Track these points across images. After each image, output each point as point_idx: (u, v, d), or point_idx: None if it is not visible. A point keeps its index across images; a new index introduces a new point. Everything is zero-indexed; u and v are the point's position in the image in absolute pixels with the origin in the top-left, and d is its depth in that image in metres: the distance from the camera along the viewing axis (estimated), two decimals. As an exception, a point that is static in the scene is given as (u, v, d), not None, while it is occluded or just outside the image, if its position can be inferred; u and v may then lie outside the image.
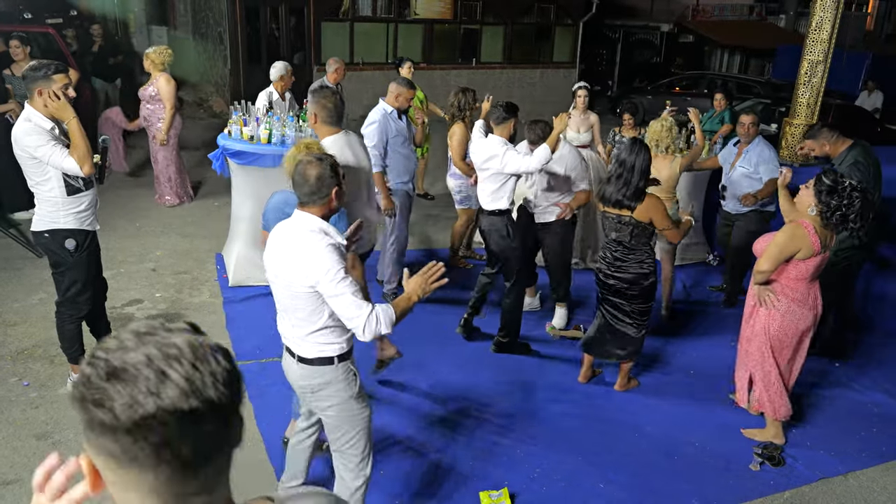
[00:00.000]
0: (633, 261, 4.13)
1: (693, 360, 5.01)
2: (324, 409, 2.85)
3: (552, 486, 3.61)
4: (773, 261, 3.70)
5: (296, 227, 2.66)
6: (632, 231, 4.07)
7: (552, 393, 4.49)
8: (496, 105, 4.68)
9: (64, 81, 3.58)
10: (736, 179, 5.53)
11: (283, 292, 2.69)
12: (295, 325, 2.72)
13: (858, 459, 3.97)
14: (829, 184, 3.61)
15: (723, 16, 21.67)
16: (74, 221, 3.78)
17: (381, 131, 5.05)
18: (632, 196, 4.01)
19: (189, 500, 0.97)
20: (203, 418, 0.92)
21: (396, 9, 14.23)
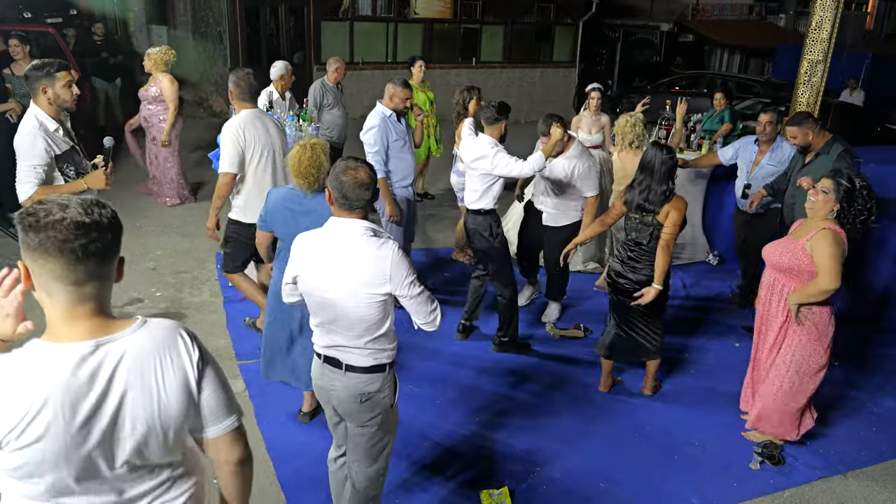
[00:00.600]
0: (647, 262, 4.10)
1: (693, 360, 5.01)
2: (366, 421, 2.74)
3: (552, 485, 3.61)
4: (838, 275, 3.49)
5: (344, 233, 2.56)
6: (652, 232, 4.04)
7: (552, 392, 4.49)
8: (488, 104, 4.61)
9: (67, 79, 3.59)
10: (762, 178, 5.41)
11: (340, 303, 2.55)
12: (351, 335, 2.61)
13: (858, 459, 3.98)
14: (847, 185, 3.54)
15: (722, 15, 21.68)
16: None
17: (381, 136, 4.95)
18: (655, 200, 3.99)
19: (82, 286, 1.54)
20: (91, 228, 1.49)
21: (396, 8, 14.23)
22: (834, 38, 6.66)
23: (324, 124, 6.83)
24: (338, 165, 2.58)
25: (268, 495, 3.43)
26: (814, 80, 6.76)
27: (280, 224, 3.51)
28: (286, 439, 3.83)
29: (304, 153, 3.38)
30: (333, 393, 2.73)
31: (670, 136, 6.71)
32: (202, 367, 1.70)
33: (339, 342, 2.65)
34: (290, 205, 3.46)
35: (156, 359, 1.62)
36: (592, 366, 4.83)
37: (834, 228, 3.55)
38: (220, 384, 1.74)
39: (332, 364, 2.69)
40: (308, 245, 2.63)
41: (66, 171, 3.69)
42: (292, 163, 3.39)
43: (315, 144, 3.43)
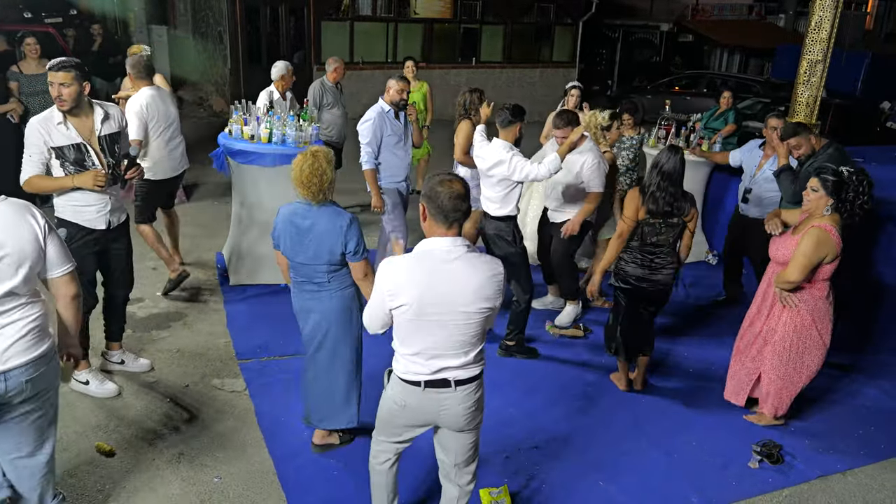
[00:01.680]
0: (669, 262, 4.22)
1: (692, 359, 5.02)
2: (475, 426, 2.79)
3: (552, 483, 3.62)
4: (803, 271, 3.66)
5: (449, 251, 2.53)
6: (679, 233, 4.19)
7: (551, 391, 4.50)
8: (502, 108, 4.57)
9: (63, 80, 3.57)
10: (762, 183, 5.41)
11: (453, 326, 2.53)
12: (461, 351, 2.60)
13: (857, 457, 3.99)
14: (833, 179, 3.64)
15: (722, 15, 21.69)
16: (71, 213, 3.81)
17: (374, 129, 5.11)
18: (681, 206, 4.09)
19: None
20: None
21: (396, 8, 14.25)
22: (833, 37, 6.66)
23: (323, 124, 6.84)
24: (432, 179, 2.55)
25: (268, 494, 3.44)
26: (813, 79, 6.77)
27: (287, 241, 3.38)
28: (286, 439, 3.84)
29: (305, 161, 3.23)
30: (441, 413, 2.70)
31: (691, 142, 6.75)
32: (48, 230, 2.60)
33: (446, 364, 2.61)
34: (296, 219, 3.33)
35: (19, 219, 2.52)
36: (592, 365, 4.85)
37: (823, 226, 3.65)
38: (59, 242, 2.67)
39: (440, 385, 2.64)
40: (404, 274, 2.53)
41: (64, 166, 3.69)
42: (294, 172, 3.25)
43: (318, 152, 3.28)
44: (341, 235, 3.27)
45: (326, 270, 3.34)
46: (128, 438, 3.78)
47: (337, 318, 3.45)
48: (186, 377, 4.40)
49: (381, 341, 3.25)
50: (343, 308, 3.45)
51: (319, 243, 3.29)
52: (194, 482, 3.48)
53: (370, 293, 3.25)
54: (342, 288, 3.43)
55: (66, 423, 3.86)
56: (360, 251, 3.33)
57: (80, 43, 10.73)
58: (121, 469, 3.54)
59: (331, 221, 3.28)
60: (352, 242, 3.29)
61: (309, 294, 3.44)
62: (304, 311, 3.51)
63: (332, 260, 3.31)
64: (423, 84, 8.12)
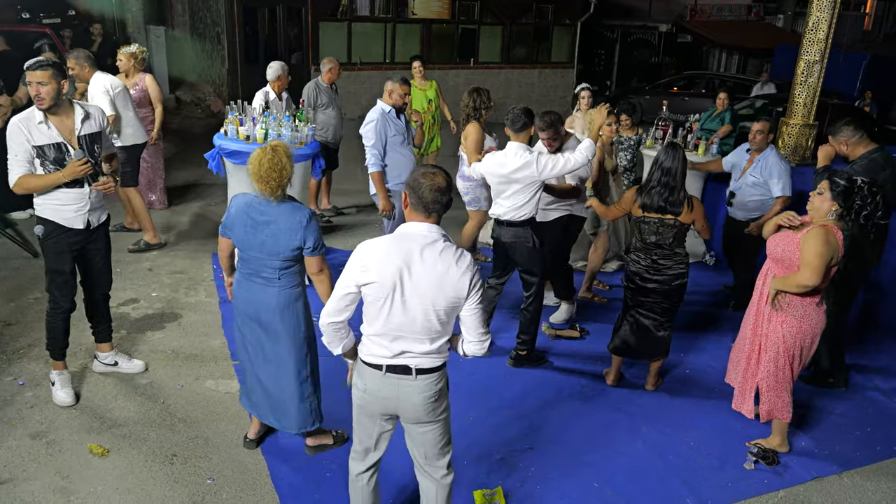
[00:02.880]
0: (675, 262, 4.23)
1: (689, 360, 5.01)
2: (437, 418, 2.78)
3: (546, 485, 3.61)
4: (819, 272, 3.50)
5: (425, 237, 2.57)
6: (675, 234, 4.17)
7: (546, 393, 4.49)
8: (511, 110, 4.43)
9: (40, 78, 3.56)
10: (745, 188, 5.42)
11: (419, 308, 2.56)
12: (426, 338, 2.62)
13: (853, 459, 3.98)
14: (844, 184, 3.55)
15: (721, 16, 21.70)
16: (51, 211, 3.78)
17: (379, 130, 5.06)
18: (676, 201, 4.09)
19: None
20: None
21: (394, 9, 14.24)
22: (830, 38, 6.66)
23: (318, 125, 6.83)
24: (416, 170, 2.61)
25: (261, 496, 3.42)
26: (811, 80, 6.76)
27: (239, 232, 3.32)
28: (280, 440, 3.82)
29: (264, 155, 3.16)
30: (401, 401, 2.70)
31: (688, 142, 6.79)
32: None
33: (408, 348, 2.63)
34: (252, 213, 3.28)
35: None
36: (587, 366, 4.84)
37: (828, 226, 3.56)
38: None
39: (401, 371, 2.66)
40: (380, 251, 2.57)
41: (44, 165, 3.67)
42: (252, 167, 3.18)
43: (277, 147, 3.22)
44: (300, 231, 3.23)
45: (278, 266, 3.30)
46: (121, 439, 3.76)
47: (282, 316, 3.39)
48: (180, 378, 4.39)
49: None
50: (289, 305, 3.39)
51: (276, 239, 3.24)
52: (187, 483, 3.47)
53: (324, 289, 3.45)
54: (290, 287, 3.38)
55: (58, 424, 3.86)
56: (319, 247, 3.31)
57: (77, 43, 10.71)
58: (114, 470, 3.52)
59: (290, 218, 3.24)
60: (311, 238, 3.26)
61: (257, 288, 3.37)
62: (248, 304, 3.42)
63: (287, 256, 3.28)
64: (432, 83, 8.20)
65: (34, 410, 3.97)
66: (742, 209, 5.49)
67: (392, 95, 5.15)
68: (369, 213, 7.71)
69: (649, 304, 4.34)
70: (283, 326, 3.41)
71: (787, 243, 3.69)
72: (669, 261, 4.23)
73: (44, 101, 3.60)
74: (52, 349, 4.06)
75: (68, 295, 3.98)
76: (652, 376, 4.57)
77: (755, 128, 5.36)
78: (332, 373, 4.11)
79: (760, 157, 5.38)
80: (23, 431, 3.78)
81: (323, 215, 7.59)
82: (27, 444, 3.67)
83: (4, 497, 3.30)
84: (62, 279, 3.93)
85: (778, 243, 3.76)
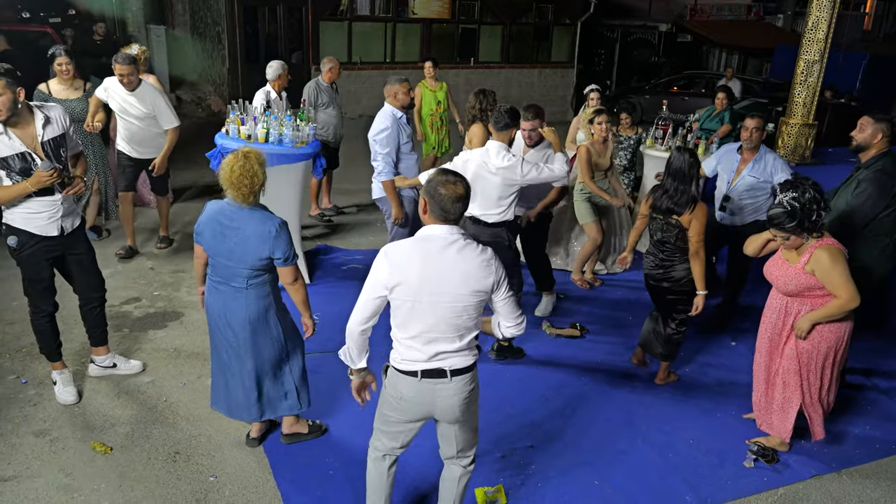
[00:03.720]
0: (681, 259, 4.26)
1: (689, 359, 5.02)
2: (471, 415, 2.86)
3: (547, 483, 3.63)
4: (856, 290, 3.47)
5: (446, 238, 2.61)
6: (677, 234, 4.21)
7: (547, 391, 4.51)
8: (498, 109, 4.40)
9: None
10: (742, 191, 5.06)
11: (448, 309, 2.60)
12: (456, 335, 2.66)
13: (852, 457, 3.99)
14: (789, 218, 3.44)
15: (721, 15, 21.71)
16: (22, 221, 3.68)
17: (394, 138, 4.92)
18: (683, 203, 4.13)
19: None
20: None
21: (394, 8, 14.25)
22: (830, 38, 6.68)
23: (319, 124, 6.84)
24: (435, 178, 2.62)
25: (264, 493, 3.44)
26: (810, 80, 6.79)
27: (209, 238, 3.28)
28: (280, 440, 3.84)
29: (236, 161, 3.13)
30: (437, 404, 2.74)
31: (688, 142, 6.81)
32: None
33: (442, 349, 2.67)
34: (222, 218, 3.24)
35: None
36: (588, 365, 4.86)
37: (827, 243, 3.51)
38: None
39: (436, 375, 2.69)
40: (405, 252, 2.62)
41: (10, 177, 3.57)
42: (224, 172, 3.15)
43: (249, 153, 3.18)
44: (269, 241, 3.18)
45: (247, 275, 3.26)
46: (124, 437, 3.78)
47: (254, 327, 3.35)
48: (182, 376, 4.41)
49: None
50: (260, 316, 3.34)
51: (244, 247, 3.20)
52: (190, 481, 3.48)
53: (300, 299, 3.42)
54: (260, 297, 3.32)
55: (61, 422, 3.88)
56: (290, 257, 3.25)
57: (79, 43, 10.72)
58: (117, 468, 3.54)
59: (259, 226, 3.18)
60: (280, 250, 3.21)
61: (227, 296, 3.32)
62: (219, 312, 3.38)
63: (255, 265, 3.23)
64: (442, 84, 8.28)
65: (37, 408, 3.99)
66: (738, 213, 5.15)
67: (398, 97, 4.96)
68: (370, 213, 7.73)
69: (664, 304, 4.44)
70: (258, 336, 3.39)
71: (793, 277, 3.59)
72: (675, 260, 4.27)
73: (1, 113, 3.44)
74: (46, 352, 4.06)
75: (49, 298, 3.94)
76: (661, 370, 4.67)
77: (752, 125, 4.97)
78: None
79: (758, 157, 5.02)
80: (26, 429, 3.80)
81: (324, 214, 7.60)
82: (31, 442, 3.69)
83: (9, 494, 3.31)
84: (42, 286, 3.88)
85: (785, 281, 3.64)
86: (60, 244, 3.84)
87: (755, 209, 5.09)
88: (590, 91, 6.96)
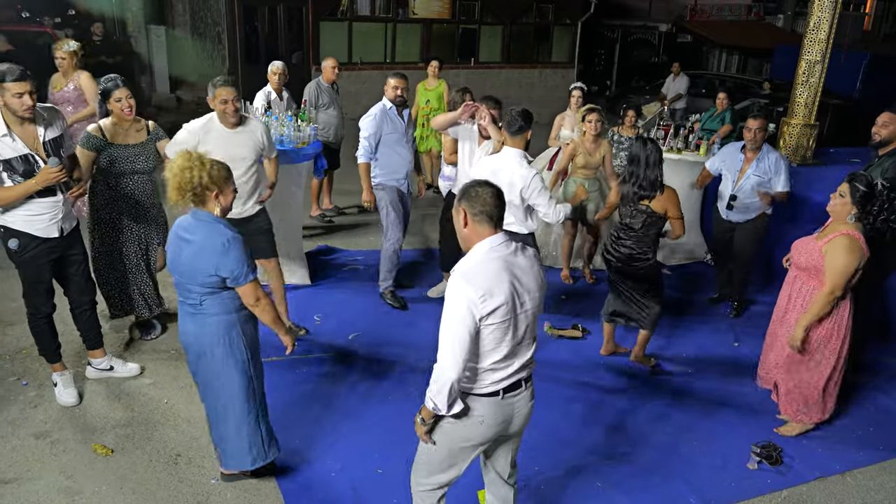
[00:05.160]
0: (634, 239, 4.43)
1: (691, 360, 5.02)
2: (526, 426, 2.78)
3: (550, 485, 3.62)
4: (842, 283, 3.58)
5: (507, 245, 2.51)
6: (644, 220, 4.35)
7: (549, 393, 4.48)
8: (509, 111, 4.31)
9: (17, 89, 3.41)
10: (748, 189, 5.23)
11: (532, 316, 2.54)
12: (530, 342, 2.60)
13: (856, 458, 3.98)
14: (864, 189, 3.60)
15: (721, 16, 21.69)
16: (23, 223, 3.64)
17: (376, 125, 5.14)
18: (647, 187, 4.27)
19: None
20: None
21: (395, 8, 14.24)
22: (832, 38, 6.67)
23: (319, 124, 6.83)
24: (465, 188, 2.49)
25: (265, 496, 3.43)
26: (812, 80, 6.77)
27: (170, 251, 3.02)
28: (285, 439, 3.82)
29: (174, 162, 2.92)
30: (514, 418, 2.64)
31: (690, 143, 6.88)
32: None
33: (521, 361, 2.57)
34: (180, 230, 2.98)
35: None
36: (590, 367, 4.84)
37: (851, 233, 3.58)
38: None
39: (514, 388, 2.59)
40: (490, 273, 2.42)
41: (12, 178, 3.55)
42: (168, 173, 2.91)
43: (189, 155, 2.93)
44: (215, 256, 2.87)
45: (200, 292, 2.97)
46: (125, 439, 3.76)
47: (210, 348, 3.05)
48: (183, 378, 4.39)
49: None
50: (216, 337, 3.04)
51: (193, 261, 2.92)
52: (192, 483, 3.47)
53: (268, 319, 3.07)
54: (218, 314, 3.01)
55: (61, 424, 3.86)
56: (242, 275, 2.92)
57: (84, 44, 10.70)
58: (118, 470, 3.52)
59: (208, 240, 2.89)
60: (226, 268, 2.88)
61: (185, 315, 3.08)
62: (182, 332, 3.13)
63: (205, 282, 2.93)
64: (441, 83, 8.42)
65: (38, 410, 3.97)
66: (744, 211, 5.33)
67: (386, 91, 5.23)
68: (370, 213, 7.69)
69: (619, 276, 4.60)
70: (210, 367, 3.11)
71: (809, 252, 3.75)
72: (629, 239, 4.44)
73: (30, 110, 3.48)
74: (45, 353, 4.05)
75: (49, 300, 3.93)
76: (637, 346, 4.76)
77: (754, 125, 5.13)
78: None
79: (760, 156, 5.21)
80: (27, 431, 3.78)
81: (324, 215, 7.59)
82: (31, 444, 3.68)
83: (9, 496, 3.30)
84: (43, 288, 3.86)
85: (800, 251, 3.82)
86: (59, 245, 3.82)
87: (764, 203, 5.27)
88: (573, 88, 7.06)
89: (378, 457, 3.72)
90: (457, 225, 2.54)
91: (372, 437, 3.87)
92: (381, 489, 3.46)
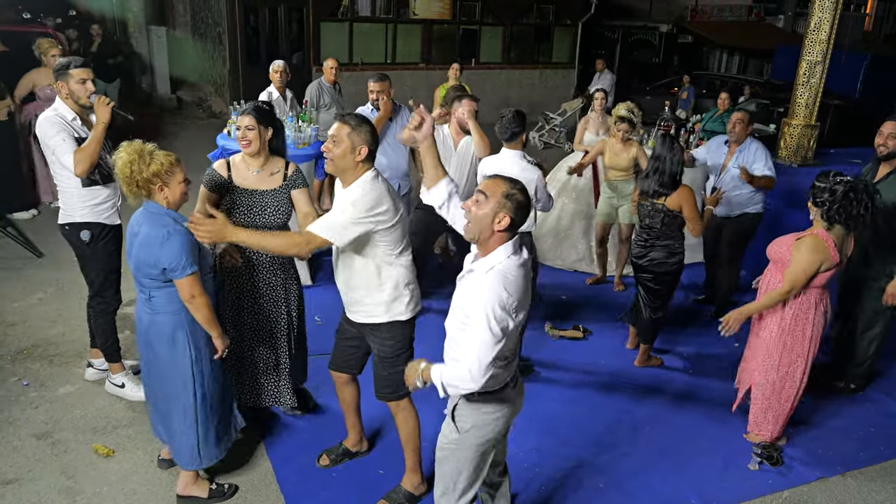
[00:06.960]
0: (660, 246, 4.50)
1: (692, 360, 5.02)
2: None
3: (552, 485, 3.62)
4: (800, 282, 3.60)
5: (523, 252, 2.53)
6: (662, 218, 4.45)
7: (551, 394, 4.49)
8: (503, 119, 4.22)
9: (81, 76, 3.69)
10: (729, 182, 5.26)
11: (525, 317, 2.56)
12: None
13: (857, 459, 3.98)
14: (819, 185, 3.62)
15: (721, 16, 21.70)
16: (91, 214, 3.81)
17: None
18: (666, 184, 4.38)
19: None
20: None
21: (395, 9, 14.24)
22: (833, 39, 6.67)
23: (321, 125, 6.84)
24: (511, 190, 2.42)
25: (266, 497, 3.43)
26: (812, 80, 6.78)
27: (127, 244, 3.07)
28: (286, 441, 3.83)
29: (119, 153, 2.90)
30: (518, 398, 2.74)
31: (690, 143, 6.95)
32: None
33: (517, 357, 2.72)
34: (133, 223, 3.01)
35: None
36: (591, 368, 4.84)
37: (819, 233, 3.60)
38: None
39: (514, 381, 2.68)
40: (521, 284, 2.42)
41: None
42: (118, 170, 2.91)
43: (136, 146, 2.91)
44: (154, 247, 2.88)
45: (149, 286, 2.98)
46: (126, 440, 3.76)
47: (157, 343, 3.05)
48: (185, 378, 4.39)
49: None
50: (164, 333, 3.02)
51: (139, 253, 2.94)
52: (192, 484, 3.47)
53: (202, 317, 3.01)
54: (167, 312, 3.01)
55: (63, 424, 3.86)
56: (180, 268, 2.88)
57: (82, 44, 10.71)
58: (119, 471, 3.53)
59: (150, 230, 2.91)
60: (166, 258, 2.87)
61: (140, 307, 3.11)
62: (137, 317, 3.15)
63: (149, 273, 2.93)
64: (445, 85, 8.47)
65: (39, 411, 3.97)
66: (726, 205, 5.30)
67: (369, 94, 5.36)
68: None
69: (643, 280, 4.66)
70: (159, 360, 3.09)
71: (781, 244, 3.79)
72: (656, 246, 4.51)
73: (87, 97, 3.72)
74: (110, 350, 4.06)
75: (119, 291, 4.02)
76: (641, 354, 4.85)
77: (735, 118, 5.20)
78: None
79: (742, 148, 5.24)
80: (27, 432, 3.78)
81: (325, 215, 7.59)
82: (32, 445, 3.68)
83: (10, 497, 3.30)
84: (115, 276, 3.97)
85: (780, 244, 3.83)
86: (120, 234, 3.96)
87: (746, 201, 5.30)
88: (596, 91, 7.18)
89: (378, 457, 3.72)
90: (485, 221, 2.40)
91: (372, 438, 3.87)
92: (381, 489, 3.45)
